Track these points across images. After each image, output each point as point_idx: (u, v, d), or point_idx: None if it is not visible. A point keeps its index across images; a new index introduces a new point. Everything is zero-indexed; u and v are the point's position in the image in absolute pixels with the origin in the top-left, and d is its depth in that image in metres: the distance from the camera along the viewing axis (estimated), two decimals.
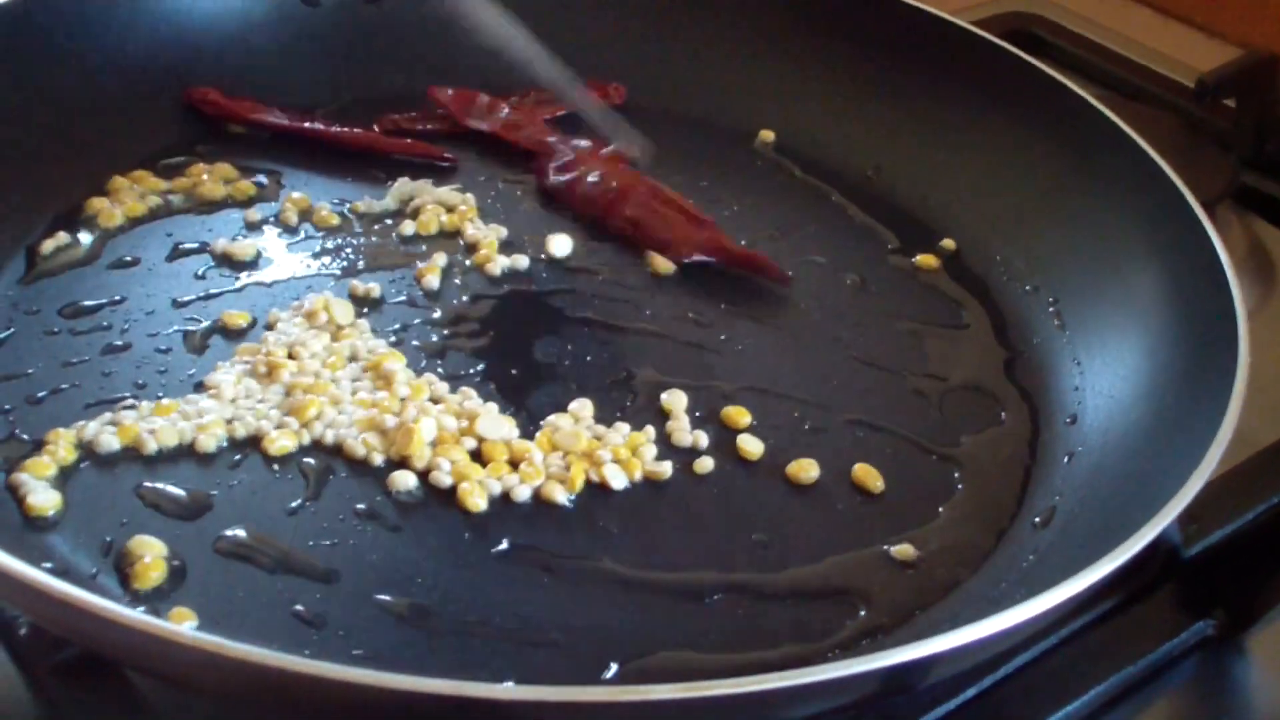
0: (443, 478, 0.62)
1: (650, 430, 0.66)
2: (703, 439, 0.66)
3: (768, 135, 0.88)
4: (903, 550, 0.62)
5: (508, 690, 0.45)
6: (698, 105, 0.89)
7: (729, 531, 0.62)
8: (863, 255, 0.80)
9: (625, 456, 0.64)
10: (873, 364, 0.73)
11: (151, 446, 0.62)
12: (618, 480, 0.63)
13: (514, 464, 0.64)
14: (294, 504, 0.61)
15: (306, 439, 0.64)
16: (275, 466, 0.63)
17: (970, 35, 0.85)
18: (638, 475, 0.64)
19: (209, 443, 0.63)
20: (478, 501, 0.62)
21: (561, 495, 0.63)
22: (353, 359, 0.68)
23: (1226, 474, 0.68)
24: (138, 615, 0.47)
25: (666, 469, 0.64)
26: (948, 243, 0.81)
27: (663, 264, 0.77)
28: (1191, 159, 0.84)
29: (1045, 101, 0.81)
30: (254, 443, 0.63)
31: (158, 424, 0.63)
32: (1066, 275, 0.76)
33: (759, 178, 0.86)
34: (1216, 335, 0.64)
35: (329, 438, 0.64)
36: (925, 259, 0.80)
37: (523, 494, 0.62)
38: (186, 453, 0.63)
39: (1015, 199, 0.81)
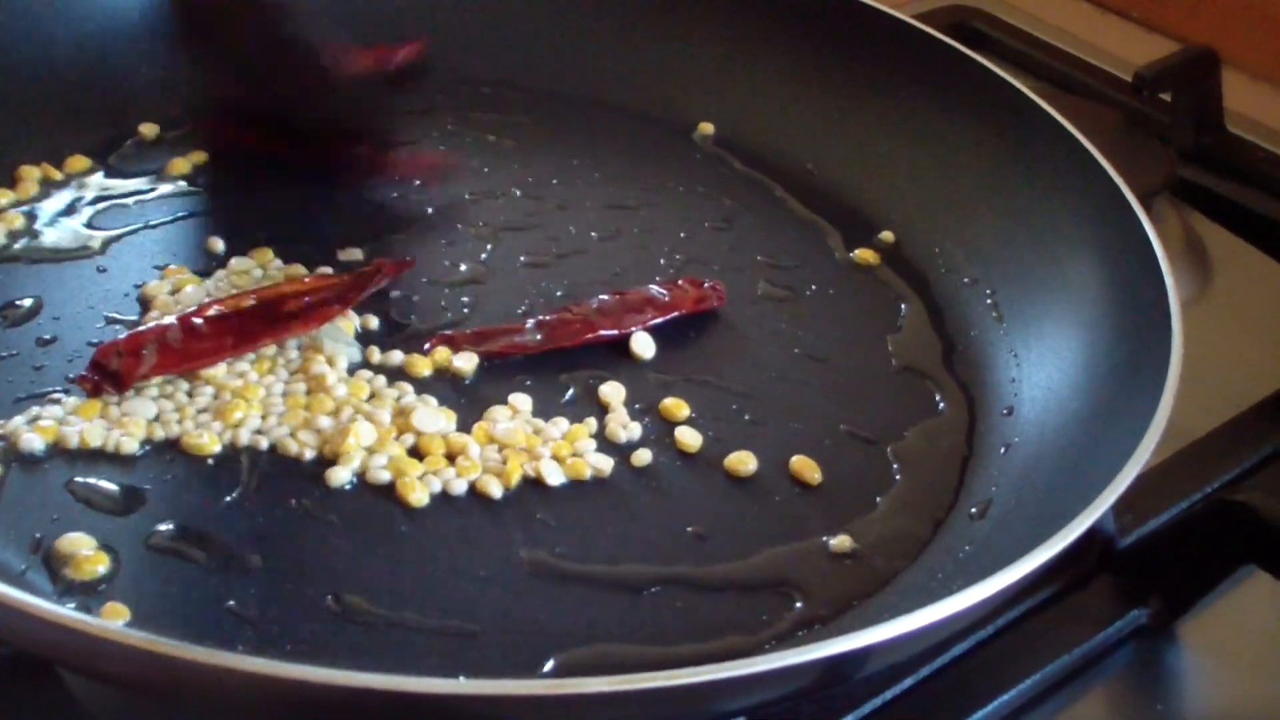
0: (380, 473, 0.62)
1: (591, 423, 0.66)
2: (638, 431, 0.66)
3: (707, 128, 0.88)
4: (840, 542, 0.62)
5: (444, 684, 0.45)
6: (637, 98, 0.89)
7: (667, 524, 0.62)
8: (803, 248, 0.80)
9: (565, 453, 0.64)
10: (811, 356, 0.73)
11: (74, 444, 0.61)
12: (554, 476, 0.63)
13: (451, 458, 0.63)
14: (228, 498, 0.60)
15: (230, 439, 0.63)
16: (210, 461, 0.62)
17: (911, 29, 0.85)
18: (583, 473, 0.64)
19: (130, 445, 0.62)
20: (419, 496, 0.61)
21: (497, 489, 0.62)
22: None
23: (1161, 464, 0.68)
24: (67, 612, 0.46)
25: (607, 465, 0.64)
26: (887, 235, 0.81)
27: None
28: (1129, 152, 0.85)
29: (985, 95, 0.81)
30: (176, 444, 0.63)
31: (80, 426, 0.62)
32: (1005, 268, 0.76)
33: (699, 171, 0.85)
34: (1152, 327, 0.64)
35: (262, 443, 0.63)
36: (864, 254, 0.80)
37: (459, 488, 0.62)
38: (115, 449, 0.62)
39: (955, 192, 0.81)
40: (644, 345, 0.71)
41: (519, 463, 0.63)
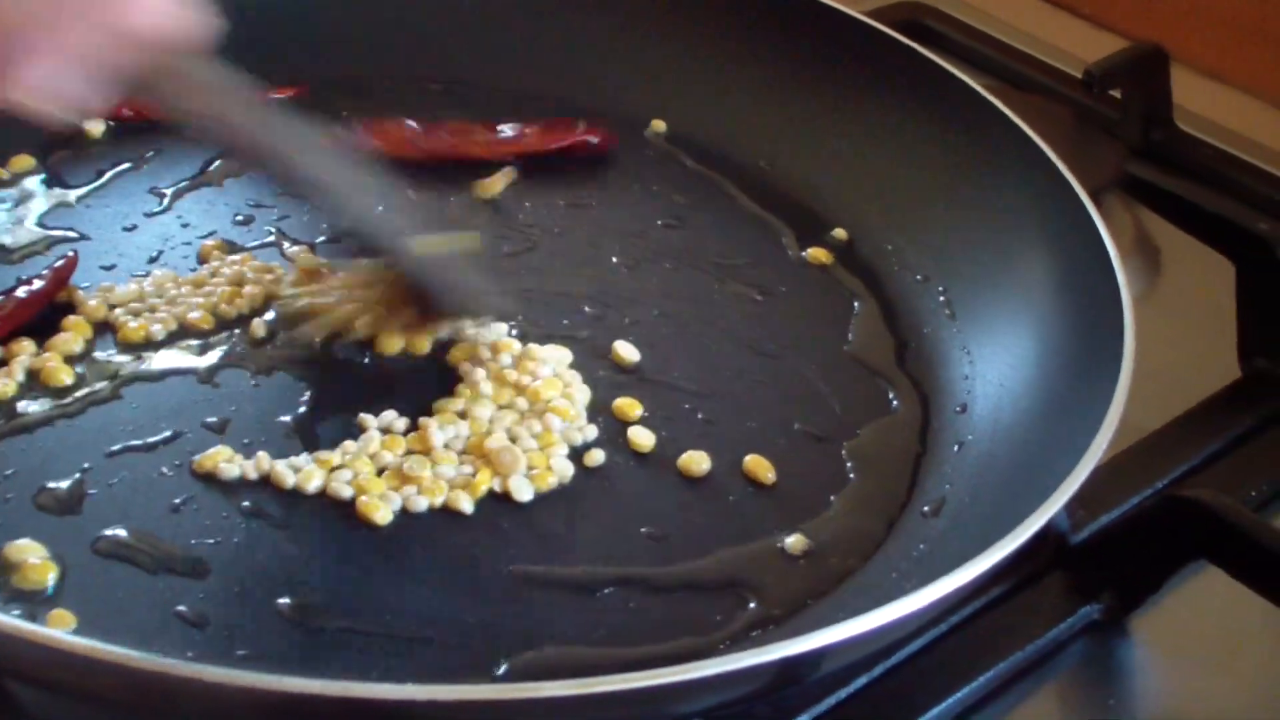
0: (342, 489, 0.61)
1: (556, 426, 0.65)
2: (593, 432, 0.66)
3: (659, 125, 0.88)
4: (795, 541, 0.62)
5: (396, 690, 0.44)
6: (588, 95, 0.88)
7: (620, 525, 0.62)
8: (756, 246, 0.80)
9: (540, 467, 0.63)
10: (765, 354, 0.72)
11: None
12: (524, 493, 0.62)
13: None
14: (177, 500, 0.60)
15: None
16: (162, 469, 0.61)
17: (862, 25, 0.85)
18: (549, 484, 0.63)
19: None
20: (383, 515, 0.60)
21: (468, 505, 0.61)
22: None
23: (1113, 460, 0.68)
24: (10, 620, 0.45)
25: (569, 472, 0.64)
26: (840, 233, 0.81)
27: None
28: (1080, 148, 0.85)
29: (936, 92, 0.82)
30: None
31: None
32: (956, 264, 0.76)
33: (651, 168, 0.85)
34: (1104, 323, 0.64)
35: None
36: (816, 253, 0.80)
37: (421, 505, 0.61)
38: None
39: (907, 189, 0.81)
40: (629, 351, 0.71)
41: (488, 475, 0.62)
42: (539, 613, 0.57)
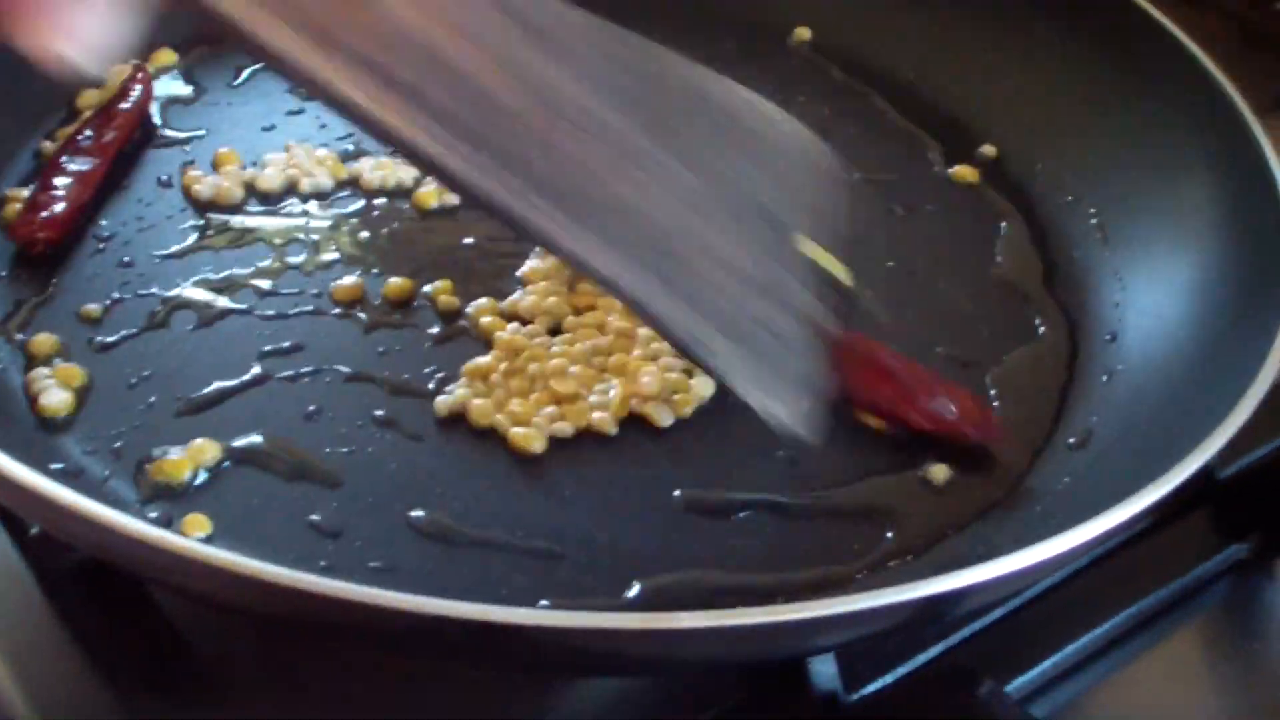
0: (499, 421, 0.60)
1: None
2: None
3: (804, 33, 0.85)
4: (937, 470, 0.60)
5: (529, 615, 0.44)
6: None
7: (758, 449, 0.60)
8: (902, 161, 0.78)
9: (681, 390, 0.62)
10: (907, 274, 0.70)
11: None
12: (665, 418, 0.61)
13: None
14: (311, 408, 0.60)
15: None
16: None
17: None
18: (688, 409, 0.62)
19: None
20: (539, 444, 0.59)
21: (612, 427, 0.60)
22: None
23: (1265, 396, 0.66)
24: (145, 528, 0.45)
25: (708, 391, 0.62)
26: (988, 149, 0.78)
27: None
28: (1244, 66, 0.82)
29: (1093, 3, 0.78)
30: None
31: None
32: (1111, 186, 0.73)
33: (795, 78, 0.82)
34: (1267, 253, 0.62)
35: None
36: (963, 170, 0.77)
37: (565, 430, 0.60)
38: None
39: (1060, 105, 0.78)
40: None
41: (623, 398, 0.61)
42: (672, 535, 0.57)
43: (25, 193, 0.68)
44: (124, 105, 0.73)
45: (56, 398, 0.58)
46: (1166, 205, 0.71)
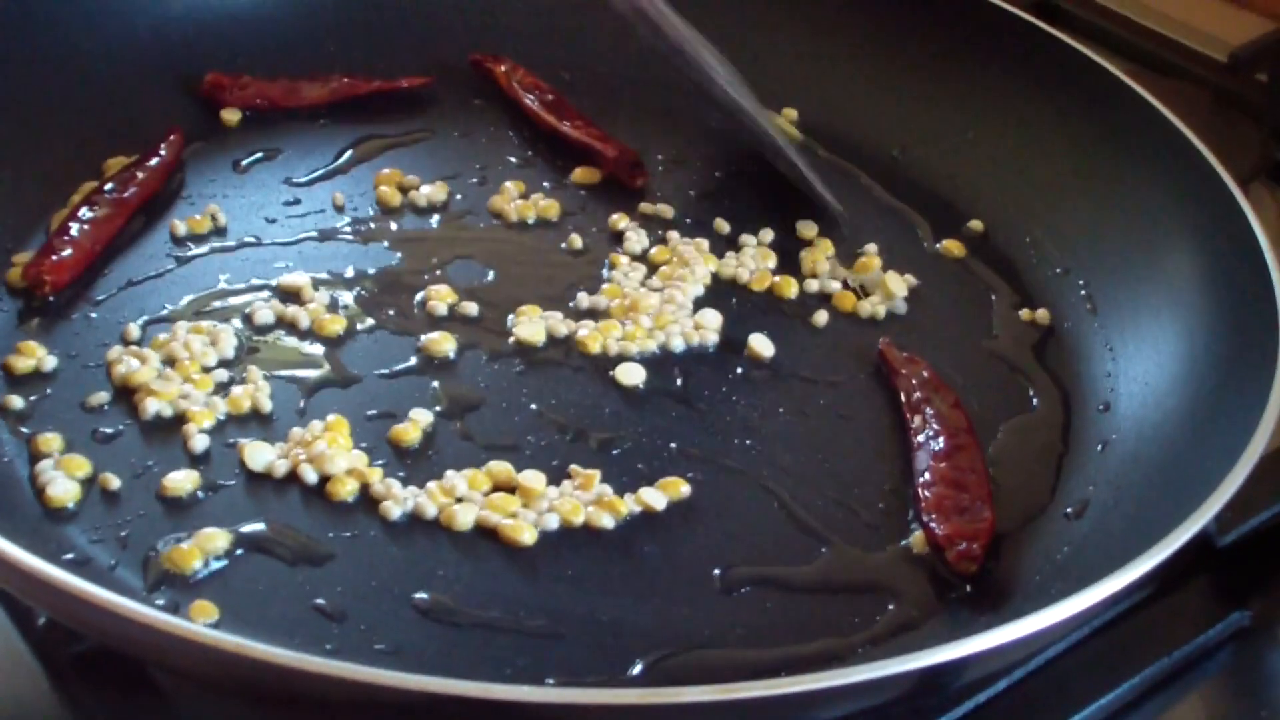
0: (487, 514, 0.60)
1: None
2: None
3: (791, 114, 0.87)
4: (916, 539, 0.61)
5: (535, 692, 0.44)
6: None
7: (756, 524, 0.61)
8: (890, 238, 0.79)
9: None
10: (899, 348, 0.71)
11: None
12: (659, 502, 0.61)
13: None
14: (311, 493, 0.60)
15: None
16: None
17: (996, 9, 0.84)
18: (682, 490, 0.62)
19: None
20: (529, 536, 0.59)
21: (609, 521, 0.60)
22: None
23: (1262, 460, 0.66)
24: (155, 614, 0.45)
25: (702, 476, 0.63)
26: (976, 224, 0.79)
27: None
28: (1224, 135, 0.83)
29: (1073, 77, 0.80)
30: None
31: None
32: (1098, 257, 0.75)
33: None
34: (1255, 318, 0.63)
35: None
36: (951, 245, 0.78)
37: (551, 522, 0.60)
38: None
39: (1044, 178, 0.79)
40: (764, 346, 0.70)
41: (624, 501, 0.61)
42: (674, 612, 0.57)
43: (29, 255, 0.69)
44: (151, 162, 0.75)
45: (63, 488, 0.58)
46: (1154, 274, 0.71)
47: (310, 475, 0.60)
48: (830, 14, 0.88)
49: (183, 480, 0.59)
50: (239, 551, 0.57)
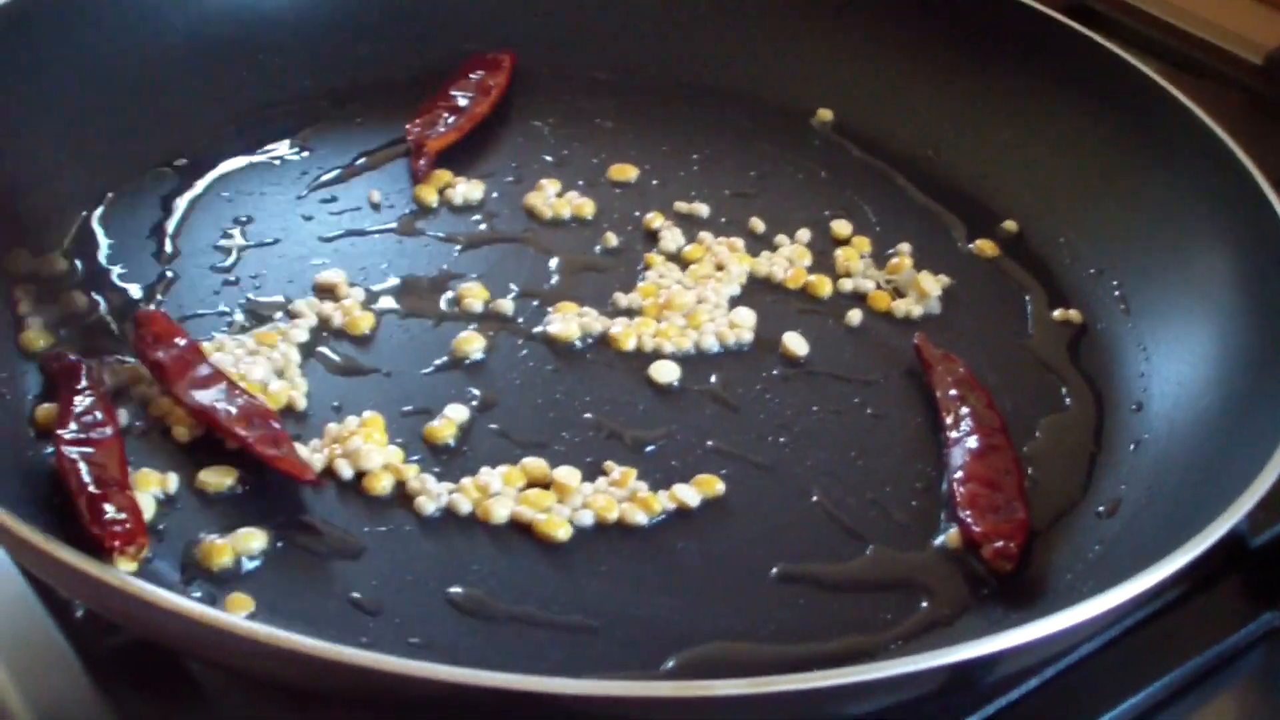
0: (521, 510, 0.60)
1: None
2: None
3: (825, 114, 0.87)
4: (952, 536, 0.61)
5: (569, 685, 0.44)
6: (753, 83, 0.88)
7: (788, 521, 0.62)
8: (924, 238, 0.79)
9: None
10: (937, 347, 0.71)
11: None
12: (692, 499, 0.62)
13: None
14: (348, 490, 0.61)
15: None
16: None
17: (1031, 11, 0.84)
18: (717, 488, 0.62)
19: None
20: (565, 532, 0.60)
21: (643, 518, 0.61)
22: None
23: None
24: (193, 605, 0.46)
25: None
26: (1010, 225, 0.80)
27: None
28: (1258, 136, 0.82)
29: (1109, 79, 0.80)
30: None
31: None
32: (1132, 257, 0.74)
33: (817, 158, 0.84)
34: None
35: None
36: (985, 245, 0.78)
37: (586, 518, 0.61)
38: None
39: (1079, 179, 0.79)
40: (798, 344, 0.70)
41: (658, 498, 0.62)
42: (707, 608, 0.57)
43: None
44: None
45: None
46: (1188, 275, 0.71)
47: (346, 471, 0.61)
48: (865, 16, 0.87)
49: (220, 475, 0.60)
50: (276, 545, 0.58)
